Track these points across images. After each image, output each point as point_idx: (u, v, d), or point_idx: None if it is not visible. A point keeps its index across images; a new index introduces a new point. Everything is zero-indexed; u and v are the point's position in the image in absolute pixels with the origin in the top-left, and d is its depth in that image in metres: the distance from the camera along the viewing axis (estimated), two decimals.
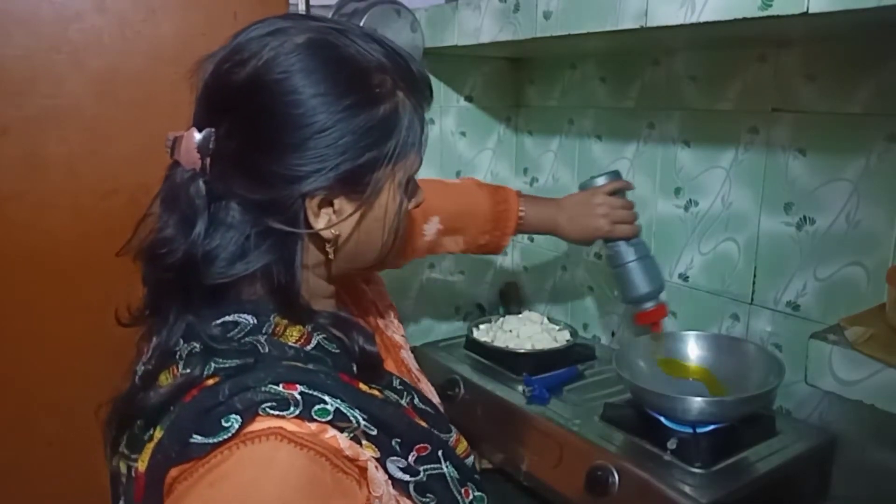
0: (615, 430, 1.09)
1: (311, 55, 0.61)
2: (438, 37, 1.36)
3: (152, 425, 0.59)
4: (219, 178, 0.61)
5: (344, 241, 0.66)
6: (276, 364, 0.60)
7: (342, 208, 0.64)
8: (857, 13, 0.73)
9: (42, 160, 1.24)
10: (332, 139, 0.60)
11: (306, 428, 0.57)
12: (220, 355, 0.59)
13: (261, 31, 0.62)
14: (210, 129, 0.61)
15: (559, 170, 1.60)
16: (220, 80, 0.62)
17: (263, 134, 0.60)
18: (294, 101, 0.59)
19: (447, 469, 0.67)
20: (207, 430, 0.55)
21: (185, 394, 0.58)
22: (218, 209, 0.62)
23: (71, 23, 1.22)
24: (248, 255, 0.62)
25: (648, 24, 0.93)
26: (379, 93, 0.63)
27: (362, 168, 0.63)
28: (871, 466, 1.06)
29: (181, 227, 0.62)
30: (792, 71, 1.12)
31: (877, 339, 0.78)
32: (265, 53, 0.60)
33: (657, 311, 1.18)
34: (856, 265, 1.06)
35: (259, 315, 0.62)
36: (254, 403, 0.56)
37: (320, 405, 0.58)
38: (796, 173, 1.13)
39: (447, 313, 1.69)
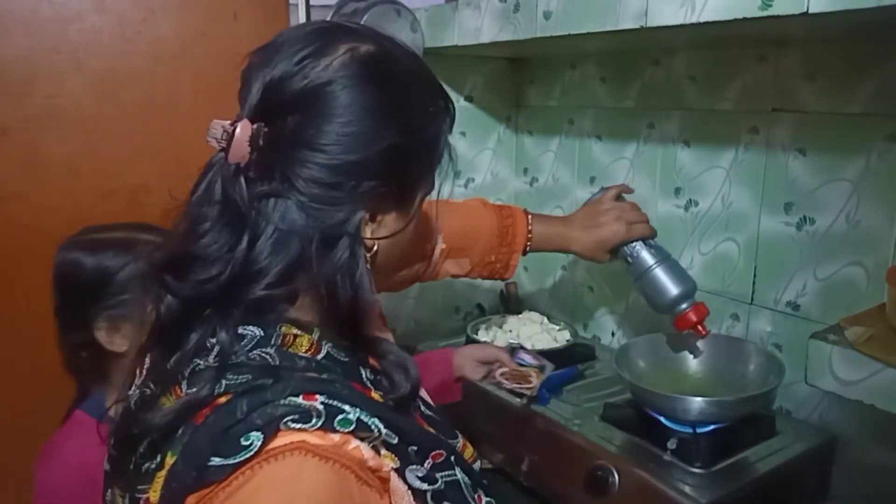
0: (615, 430, 1.09)
1: (377, 68, 0.61)
2: (438, 37, 1.36)
3: (158, 451, 0.56)
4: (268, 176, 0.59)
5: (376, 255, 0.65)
6: (291, 375, 0.57)
7: (385, 221, 0.63)
8: (857, 13, 0.73)
9: (42, 160, 1.24)
10: (395, 153, 0.60)
11: (329, 440, 0.54)
12: (232, 371, 0.56)
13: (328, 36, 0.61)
14: (261, 123, 0.59)
15: (559, 170, 1.60)
16: (285, 82, 0.59)
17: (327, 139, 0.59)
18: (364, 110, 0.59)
19: (460, 475, 0.65)
20: (227, 451, 0.51)
21: (194, 415, 0.55)
22: (267, 209, 0.59)
23: (71, 23, 1.22)
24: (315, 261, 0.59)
25: (648, 24, 0.93)
26: (432, 112, 0.65)
27: (413, 185, 0.65)
28: (871, 466, 1.06)
29: (226, 229, 0.59)
30: (792, 71, 1.12)
31: (877, 339, 0.78)
32: (337, 58, 0.59)
33: (697, 310, 1.09)
34: (856, 265, 1.06)
35: (266, 326, 0.59)
36: (275, 418, 0.53)
37: (342, 415, 0.55)
38: (796, 173, 1.13)
39: (447, 313, 1.69)
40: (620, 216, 1.11)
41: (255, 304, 0.58)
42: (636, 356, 1.17)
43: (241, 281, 0.58)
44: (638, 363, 1.16)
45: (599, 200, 1.14)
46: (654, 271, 1.10)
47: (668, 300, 1.09)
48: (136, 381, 0.63)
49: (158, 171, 1.29)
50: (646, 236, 1.12)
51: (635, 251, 1.11)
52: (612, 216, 1.11)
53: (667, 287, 1.09)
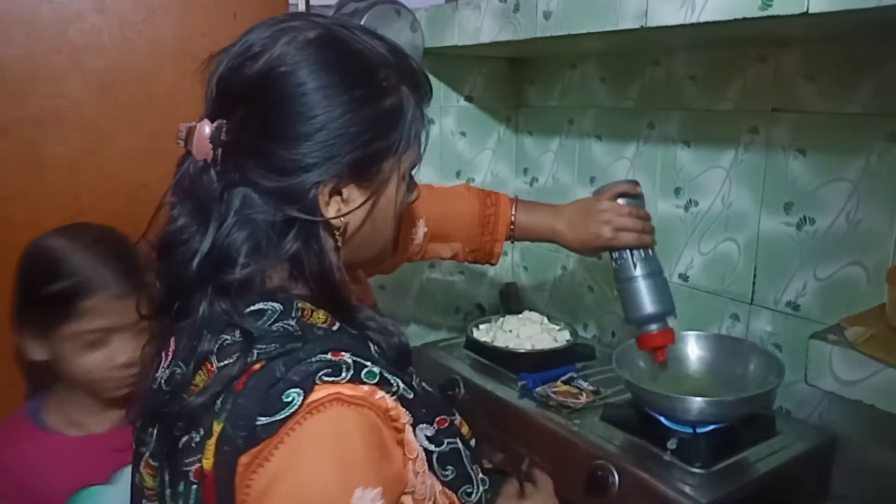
0: (615, 430, 1.09)
1: (321, 50, 0.63)
2: (438, 37, 1.36)
3: (200, 424, 0.60)
4: (232, 168, 0.63)
5: (354, 231, 0.68)
6: (317, 337, 0.62)
7: (351, 197, 0.66)
8: (857, 13, 0.73)
9: (42, 160, 1.24)
10: (341, 128, 0.63)
11: (359, 390, 0.59)
12: (260, 342, 0.60)
13: (272, 28, 0.64)
14: (221, 120, 0.63)
15: (559, 170, 1.60)
16: (234, 73, 0.63)
17: (277, 123, 0.62)
18: (304, 92, 0.62)
19: (461, 445, 0.69)
20: (271, 409, 0.56)
21: (230, 385, 0.59)
22: (232, 197, 0.63)
23: (71, 23, 1.22)
24: (276, 243, 0.63)
25: (648, 24, 0.93)
26: (385, 86, 0.66)
27: (371, 157, 0.66)
28: (871, 466, 1.06)
29: (195, 216, 0.63)
30: (792, 71, 1.12)
31: (877, 339, 0.78)
32: (277, 48, 0.62)
33: (662, 335, 1.05)
34: (856, 265, 1.06)
35: (284, 301, 0.63)
36: (310, 373, 0.57)
37: (367, 368, 0.60)
38: (796, 173, 1.13)
39: (447, 313, 1.69)
40: (611, 220, 1.05)
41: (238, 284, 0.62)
42: (636, 356, 1.17)
43: (214, 264, 0.62)
44: (638, 363, 1.16)
45: (598, 198, 1.08)
46: (634, 283, 1.05)
47: (639, 316, 1.05)
48: (162, 364, 0.66)
49: (158, 171, 1.28)
50: (632, 246, 1.05)
51: (621, 257, 1.06)
52: (603, 218, 1.05)
53: (642, 303, 1.05)
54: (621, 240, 1.05)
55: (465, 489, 0.68)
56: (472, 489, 0.69)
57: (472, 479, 0.69)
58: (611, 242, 1.05)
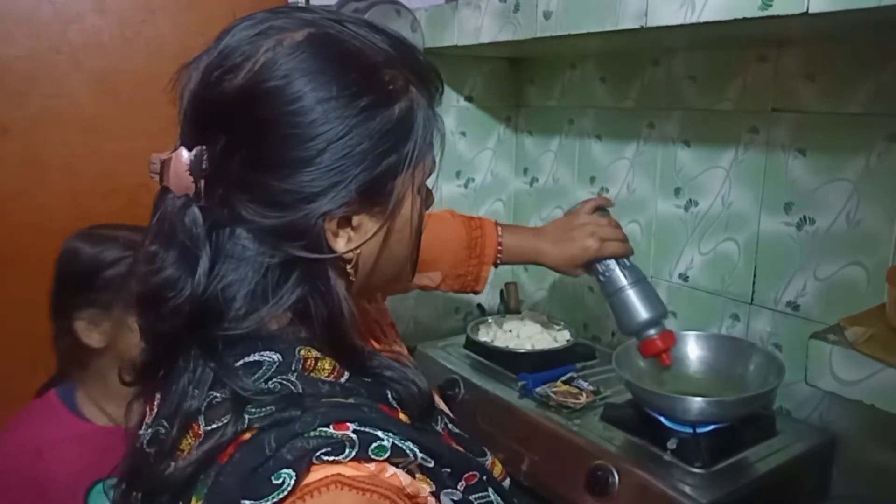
0: (615, 430, 1.09)
1: (314, 54, 0.53)
2: (438, 37, 1.36)
3: (182, 497, 0.51)
4: (220, 202, 0.54)
5: (367, 261, 0.59)
6: (318, 403, 0.53)
7: (363, 225, 0.57)
8: (857, 13, 0.73)
9: (42, 160, 1.24)
10: (346, 148, 0.53)
11: (365, 470, 0.50)
12: (253, 403, 0.51)
13: (251, 31, 0.54)
14: (201, 146, 0.53)
15: (559, 170, 1.60)
16: (211, 91, 0.53)
17: (269, 149, 0.53)
18: (301, 109, 0.52)
19: (493, 497, 0.61)
20: (258, 492, 0.47)
21: (219, 454, 0.50)
22: (222, 238, 0.54)
23: (71, 23, 1.22)
24: (275, 290, 0.54)
25: (648, 24, 0.93)
26: (392, 90, 0.56)
27: (382, 177, 0.56)
28: (871, 466, 1.06)
29: (182, 263, 0.54)
30: (792, 71, 1.12)
31: (877, 339, 0.78)
32: (260, 56, 0.52)
33: (664, 337, 1.05)
34: (856, 265, 1.06)
35: (284, 351, 0.55)
36: (306, 452, 0.49)
37: (376, 442, 0.51)
38: (796, 173, 1.13)
39: (447, 313, 1.69)
40: (595, 232, 1.06)
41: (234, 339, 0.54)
42: (636, 356, 1.17)
43: (204, 318, 0.53)
44: (638, 363, 1.16)
45: (575, 213, 1.10)
46: (625, 292, 1.05)
47: (636, 323, 1.05)
48: (146, 420, 0.59)
49: None
50: (618, 255, 1.06)
51: (609, 269, 1.07)
52: (586, 231, 1.06)
53: (637, 310, 1.05)
54: (608, 249, 1.06)
55: None
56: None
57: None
58: (598, 253, 1.05)
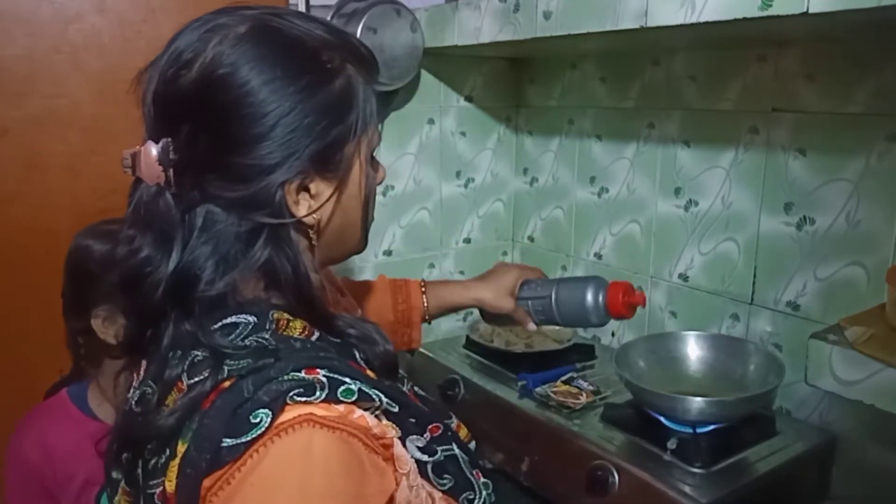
0: (615, 430, 1.09)
1: (257, 43, 0.60)
2: (438, 37, 1.36)
3: (167, 445, 0.57)
4: (190, 186, 0.60)
5: (326, 225, 0.66)
6: (291, 354, 0.59)
7: (319, 191, 0.63)
8: (857, 13, 0.73)
9: (42, 160, 1.24)
10: (296, 122, 0.60)
11: (335, 410, 0.56)
12: (231, 357, 0.58)
13: (199, 30, 0.61)
14: (166, 139, 0.59)
15: (559, 170, 1.60)
16: (169, 87, 0.60)
17: (228, 131, 0.59)
18: (250, 91, 0.58)
19: (458, 451, 0.67)
20: (238, 431, 0.53)
21: (201, 402, 0.56)
22: (194, 217, 0.60)
23: (71, 23, 1.22)
24: (244, 253, 0.61)
25: (648, 24, 0.93)
26: (331, 69, 0.63)
27: (332, 146, 0.63)
28: (871, 466, 1.06)
29: (159, 244, 0.60)
30: (792, 71, 1.12)
31: (877, 339, 0.78)
32: (209, 51, 0.59)
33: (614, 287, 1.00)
34: (856, 265, 1.06)
35: (259, 314, 0.61)
36: (281, 393, 0.55)
37: (344, 386, 0.57)
38: (796, 173, 1.13)
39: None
40: (513, 264, 1.13)
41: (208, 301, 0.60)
42: (636, 356, 1.17)
43: (179, 287, 0.59)
44: (638, 363, 1.17)
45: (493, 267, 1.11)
46: (559, 288, 1.03)
47: (588, 301, 1.00)
48: (133, 384, 0.64)
49: None
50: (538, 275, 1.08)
51: (534, 287, 1.05)
52: (506, 266, 1.09)
53: (579, 293, 1.01)
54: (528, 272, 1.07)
55: (466, 496, 0.66)
56: (473, 495, 0.66)
57: (474, 486, 0.67)
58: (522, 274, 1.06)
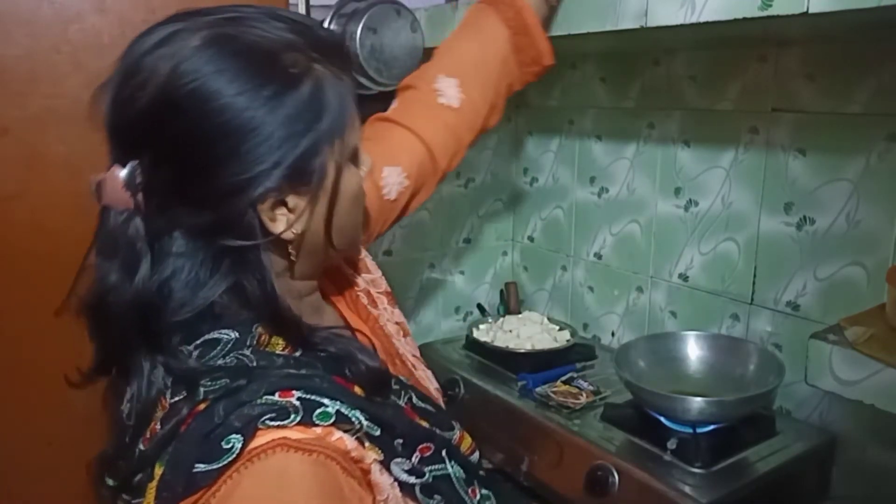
0: (615, 430, 1.09)
1: (214, 54, 0.56)
2: (438, 37, 1.36)
3: (148, 465, 0.57)
4: (157, 211, 0.58)
5: (311, 236, 0.63)
6: (267, 374, 0.57)
7: (297, 204, 0.60)
8: (857, 13, 0.73)
9: (42, 160, 1.24)
10: (264, 136, 0.56)
11: (310, 433, 0.54)
12: (208, 376, 0.56)
13: (150, 43, 0.58)
14: (134, 162, 0.57)
15: (559, 170, 1.59)
16: (125, 110, 0.57)
17: (191, 153, 0.56)
18: (212, 110, 0.55)
19: (452, 469, 0.65)
20: (210, 456, 0.52)
21: (180, 426, 0.55)
22: (163, 243, 0.58)
23: (71, 23, 1.22)
24: (209, 280, 0.59)
25: (648, 24, 0.93)
26: (296, 73, 0.58)
27: (304, 156, 0.59)
28: (871, 466, 1.06)
29: (124, 271, 0.58)
30: (792, 71, 1.12)
31: (877, 339, 0.78)
32: (162, 67, 0.55)
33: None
34: (856, 265, 1.06)
35: (241, 328, 0.59)
36: (252, 418, 0.53)
37: (321, 409, 0.55)
38: (796, 173, 1.13)
39: (447, 313, 1.69)
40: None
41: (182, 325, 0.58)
42: (636, 356, 1.17)
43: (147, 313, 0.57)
44: (638, 363, 1.16)
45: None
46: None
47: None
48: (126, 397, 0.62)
49: None
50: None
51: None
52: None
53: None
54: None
55: None
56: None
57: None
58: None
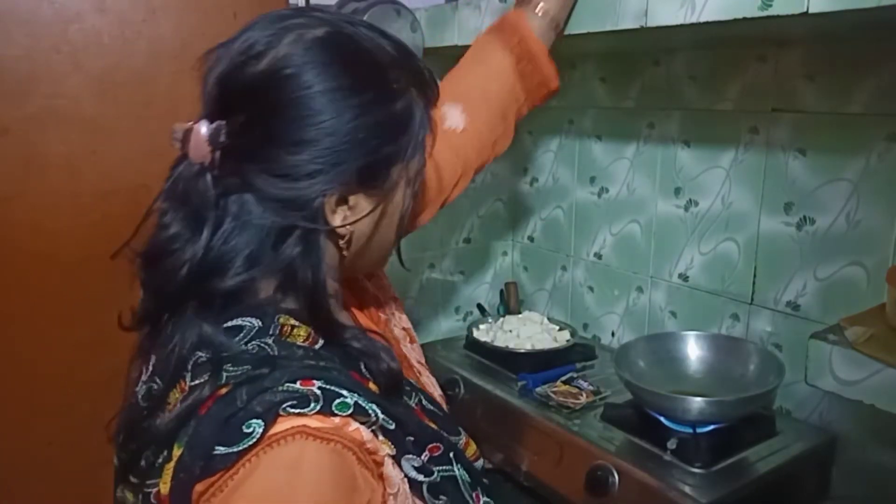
0: (615, 430, 1.09)
1: (329, 50, 0.60)
2: (438, 37, 1.36)
3: (167, 446, 0.57)
4: (231, 172, 0.60)
5: (358, 241, 0.66)
6: (289, 364, 0.58)
7: (358, 205, 0.63)
8: (857, 13, 0.73)
9: (42, 160, 1.24)
10: (350, 134, 0.60)
11: (329, 422, 0.56)
12: (231, 362, 0.57)
13: (275, 25, 0.61)
14: (220, 121, 0.59)
15: (559, 170, 1.59)
16: (236, 73, 0.60)
17: (282, 127, 0.59)
18: (312, 96, 0.59)
19: (458, 472, 0.66)
20: (230, 440, 0.53)
21: (199, 408, 0.56)
22: (230, 204, 0.60)
23: (71, 23, 1.22)
24: (270, 251, 0.60)
25: (648, 24, 0.93)
26: (395, 89, 0.63)
27: (380, 164, 0.63)
28: (871, 466, 1.06)
29: (188, 224, 0.60)
30: (792, 71, 1.12)
31: (877, 339, 0.78)
32: (282, 47, 0.59)
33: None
34: (856, 265, 1.06)
35: (263, 317, 0.60)
36: (273, 404, 0.54)
37: (340, 399, 0.57)
38: (796, 173, 1.13)
39: (447, 313, 1.69)
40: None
41: (225, 296, 0.59)
42: (636, 356, 1.17)
43: (205, 273, 0.59)
44: (638, 363, 1.16)
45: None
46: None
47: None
48: (141, 377, 0.64)
49: (158, 171, 1.28)
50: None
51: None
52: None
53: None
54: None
55: None
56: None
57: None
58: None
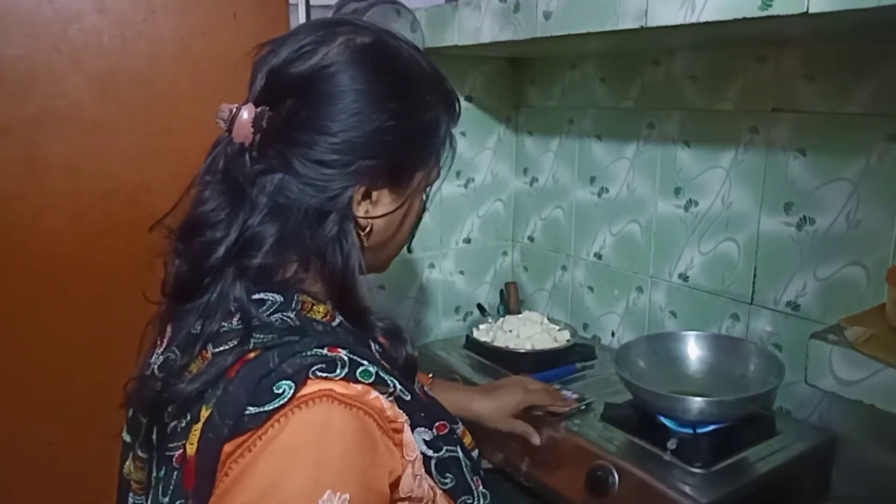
0: (615, 430, 1.09)
1: (375, 55, 0.66)
2: (438, 37, 1.36)
3: (188, 410, 0.59)
4: (270, 154, 0.64)
5: (375, 236, 0.70)
6: (314, 332, 0.62)
7: (381, 201, 0.68)
8: (857, 13, 0.73)
9: (42, 160, 1.24)
10: (385, 133, 0.65)
11: (353, 389, 0.58)
12: (259, 331, 0.60)
13: (327, 29, 0.66)
14: (265, 107, 0.64)
15: (559, 170, 1.60)
16: (287, 66, 0.65)
17: (324, 117, 0.64)
18: (357, 93, 0.64)
19: (461, 454, 0.68)
20: (261, 399, 0.56)
21: (227, 371, 0.58)
22: (268, 183, 0.64)
23: (71, 23, 1.22)
24: (305, 231, 0.64)
25: (648, 24, 0.93)
26: (428, 101, 0.70)
27: (407, 166, 0.69)
28: (871, 466, 1.06)
29: (227, 199, 0.64)
30: (792, 71, 1.12)
31: (877, 339, 0.78)
32: (333, 48, 0.65)
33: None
34: (856, 265, 1.06)
35: (285, 293, 0.64)
36: (304, 367, 0.57)
37: (363, 367, 0.60)
38: (796, 173, 1.13)
39: (447, 313, 1.69)
40: (520, 381, 1.12)
41: (256, 271, 0.63)
42: (636, 356, 1.17)
43: (240, 248, 0.63)
44: (638, 363, 1.16)
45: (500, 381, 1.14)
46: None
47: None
48: (157, 350, 0.67)
49: (158, 171, 1.29)
50: (545, 403, 1.12)
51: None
52: (514, 385, 1.11)
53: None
54: (533, 396, 1.10)
55: (464, 499, 0.67)
56: (471, 500, 0.67)
57: (473, 491, 0.68)
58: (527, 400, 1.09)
